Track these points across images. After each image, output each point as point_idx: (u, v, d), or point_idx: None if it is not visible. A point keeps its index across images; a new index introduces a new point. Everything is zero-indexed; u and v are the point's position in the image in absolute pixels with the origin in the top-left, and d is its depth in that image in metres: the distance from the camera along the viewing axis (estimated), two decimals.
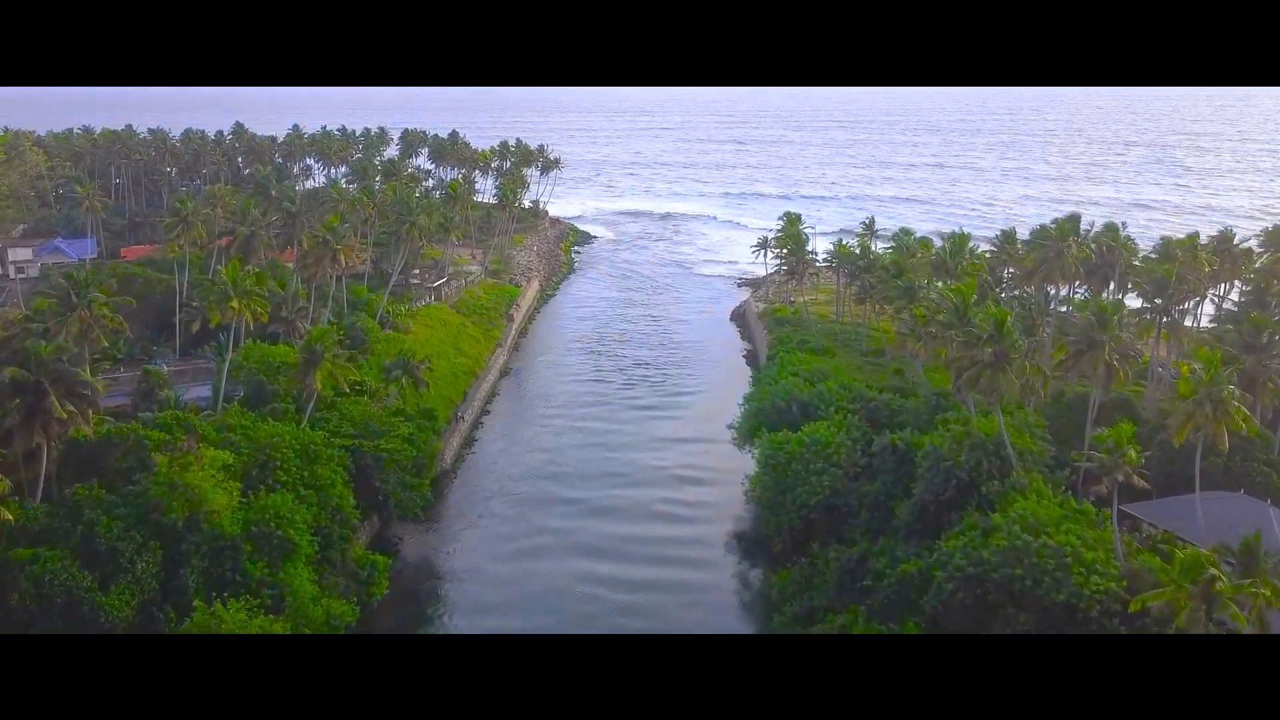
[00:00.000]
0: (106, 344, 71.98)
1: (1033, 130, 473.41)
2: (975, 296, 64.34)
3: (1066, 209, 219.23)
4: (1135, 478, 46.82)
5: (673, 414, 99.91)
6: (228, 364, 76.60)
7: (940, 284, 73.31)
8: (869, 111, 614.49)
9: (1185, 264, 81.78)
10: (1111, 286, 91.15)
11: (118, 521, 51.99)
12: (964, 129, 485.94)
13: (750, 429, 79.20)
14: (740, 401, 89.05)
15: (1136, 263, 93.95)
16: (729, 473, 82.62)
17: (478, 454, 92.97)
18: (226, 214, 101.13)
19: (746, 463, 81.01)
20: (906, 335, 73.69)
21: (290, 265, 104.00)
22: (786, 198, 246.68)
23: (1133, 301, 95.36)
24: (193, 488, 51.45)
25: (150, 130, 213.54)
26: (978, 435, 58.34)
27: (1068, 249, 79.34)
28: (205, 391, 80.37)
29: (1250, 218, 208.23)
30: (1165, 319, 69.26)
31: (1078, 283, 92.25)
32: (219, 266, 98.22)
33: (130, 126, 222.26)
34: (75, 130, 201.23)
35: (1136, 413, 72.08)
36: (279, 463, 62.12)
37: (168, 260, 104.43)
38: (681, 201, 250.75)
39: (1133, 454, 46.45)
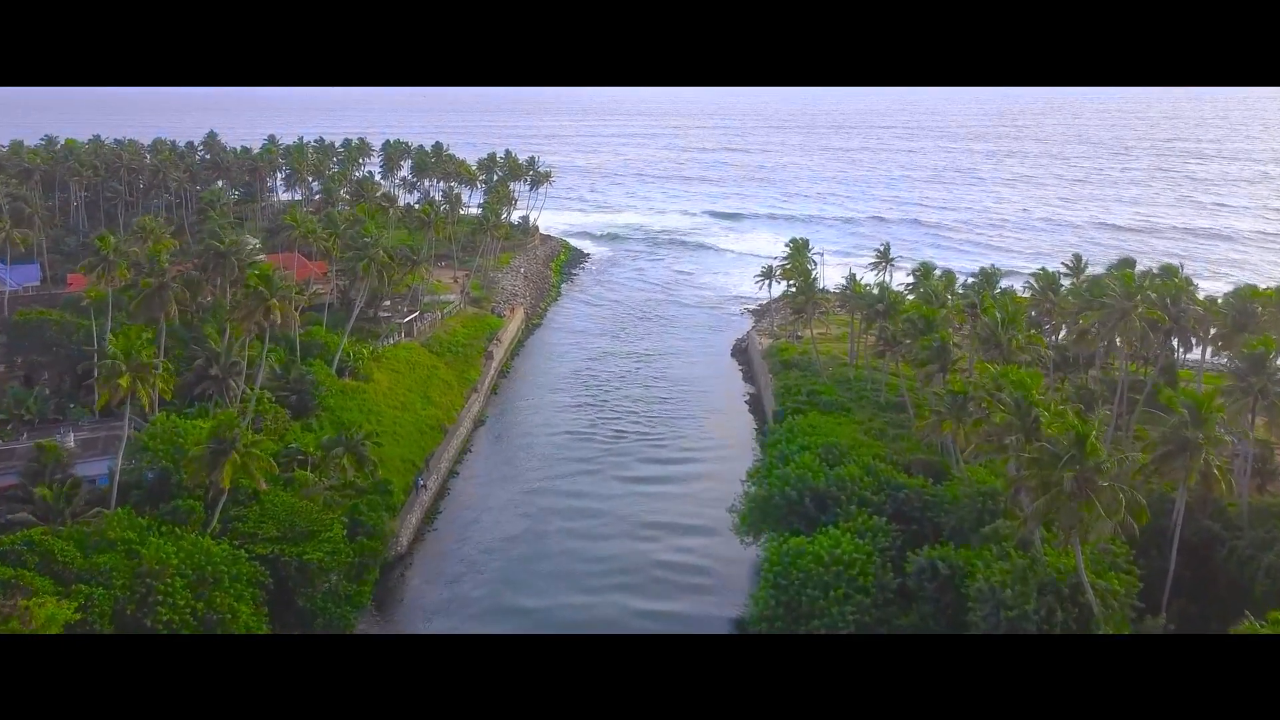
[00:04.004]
0: None
1: (1031, 135, 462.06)
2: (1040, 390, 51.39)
3: (1073, 231, 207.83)
4: None
5: (666, 487, 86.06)
6: (124, 443, 63.80)
7: (992, 367, 59.86)
8: (864, 114, 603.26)
9: (1271, 322, 68.96)
10: (1175, 343, 78.03)
11: None
12: (960, 134, 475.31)
13: (755, 521, 66.50)
14: (744, 477, 76.56)
15: (1196, 306, 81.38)
16: (729, 574, 69.73)
17: (440, 532, 79.70)
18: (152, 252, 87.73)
19: (750, 557, 68.56)
20: (944, 415, 60.63)
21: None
22: (785, 215, 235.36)
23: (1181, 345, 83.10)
24: None
25: (117, 141, 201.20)
26: (1047, 573, 45.55)
27: (1133, 308, 66.33)
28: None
29: (1273, 239, 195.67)
30: (1264, 400, 56.21)
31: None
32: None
33: (98, 136, 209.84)
34: (27, 142, 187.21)
35: (1225, 512, 59.44)
36: (161, 597, 49.47)
37: (98, 300, 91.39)
38: (676, 216, 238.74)
39: None
